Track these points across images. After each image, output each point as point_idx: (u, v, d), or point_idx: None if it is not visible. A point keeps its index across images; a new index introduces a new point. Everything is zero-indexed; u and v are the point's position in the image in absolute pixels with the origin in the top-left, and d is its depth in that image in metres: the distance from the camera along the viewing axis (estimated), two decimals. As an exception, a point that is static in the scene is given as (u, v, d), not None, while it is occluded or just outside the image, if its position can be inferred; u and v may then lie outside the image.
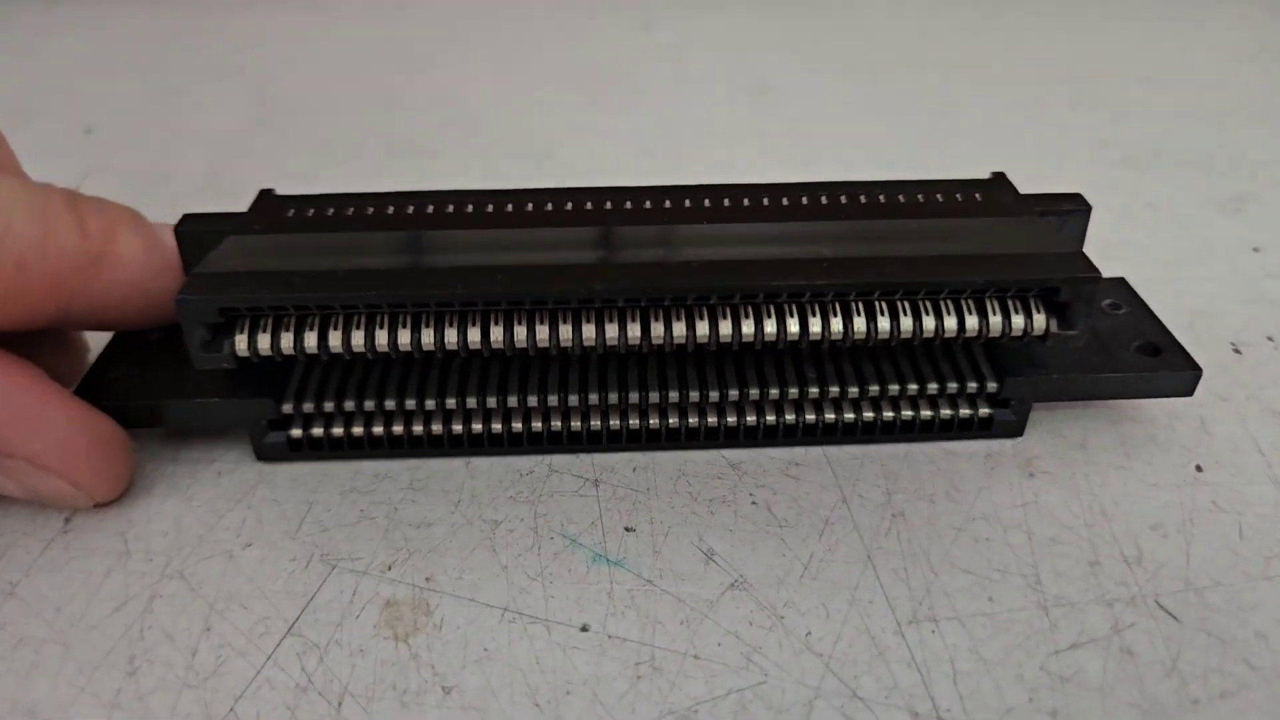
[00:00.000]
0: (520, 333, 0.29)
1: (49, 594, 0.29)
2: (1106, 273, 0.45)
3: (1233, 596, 0.28)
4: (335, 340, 0.30)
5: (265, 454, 0.34)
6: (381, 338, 0.30)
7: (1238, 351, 0.39)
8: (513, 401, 0.32)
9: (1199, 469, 0.33)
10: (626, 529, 0.31)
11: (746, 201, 0.34)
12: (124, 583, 0.29)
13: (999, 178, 0.36)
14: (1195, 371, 0.33)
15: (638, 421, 0.33)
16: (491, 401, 0.32)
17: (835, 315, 0.30)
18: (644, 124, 0.63)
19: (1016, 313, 0.30)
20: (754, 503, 0.32)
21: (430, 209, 0.34)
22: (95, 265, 0.30)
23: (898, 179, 0.35)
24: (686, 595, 0.28)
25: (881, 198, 0.34)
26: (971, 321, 0.30)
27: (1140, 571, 0.29)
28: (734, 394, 0.32)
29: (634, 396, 0.32)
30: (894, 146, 0.58)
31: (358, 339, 0.30)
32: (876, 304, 0.30)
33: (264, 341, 0.30)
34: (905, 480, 0.32)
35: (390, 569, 0.30)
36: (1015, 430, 0.34)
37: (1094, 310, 0.30)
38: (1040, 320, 0.30)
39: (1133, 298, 0.37)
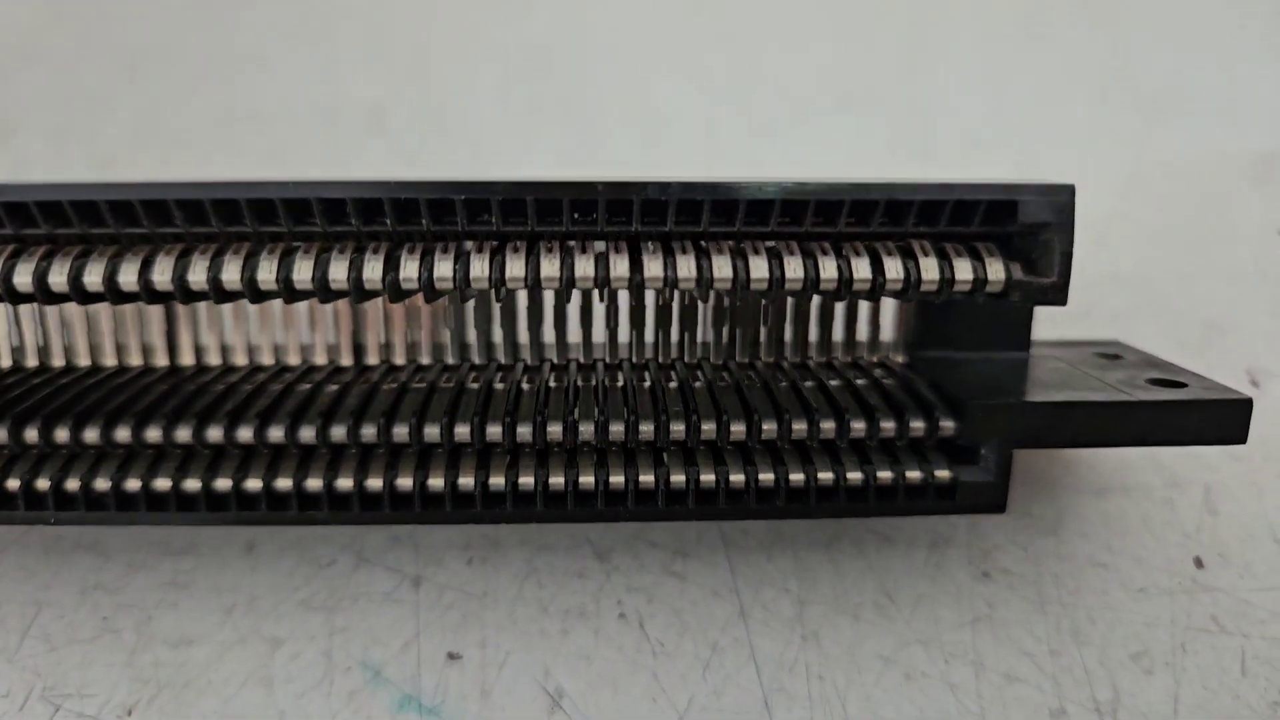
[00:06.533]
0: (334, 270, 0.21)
1: None
2: (1102, 264, 0.37)
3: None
4: (23, 276, 0.21)
5: None
6: (127, 273, 0.21)
7: (1255, 384, 0.31)
8: (306, 435, 0.23)
9: (1199, 563, 0.26)
10: (450, 655, 0.23)
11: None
12: None
13: None
14: (1243, 401, 0.23)
15: (471, 480, 0.23)
16: (276, 434, 0.23)
17: (686, 253, 0.21)
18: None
19: (960, 255, 0.22)
20: (622, 615, 0.24)
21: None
22: None
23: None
24: (517, 768, 0.21)
25: None
26: (893, 266, 0.21)
27: (1116, 728, 0.23)
28: (585, 430, 0.23)
29: (461, 431, 0.23)
30: (850, 73, 0.47)
31: (58, 275, 0.21)
32: (745, 247, 0.21)
33: None
34: (824, 582, 0.25)
35: (131, 713, 0.22)
36: (992, 498, 0.24)
37: (1071, 242, 0.21)
38: (997, 267, 0.22)
39: (1131, 352, 0.28)
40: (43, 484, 0.23)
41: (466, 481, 0.23)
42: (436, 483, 0.23)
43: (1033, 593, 0.25)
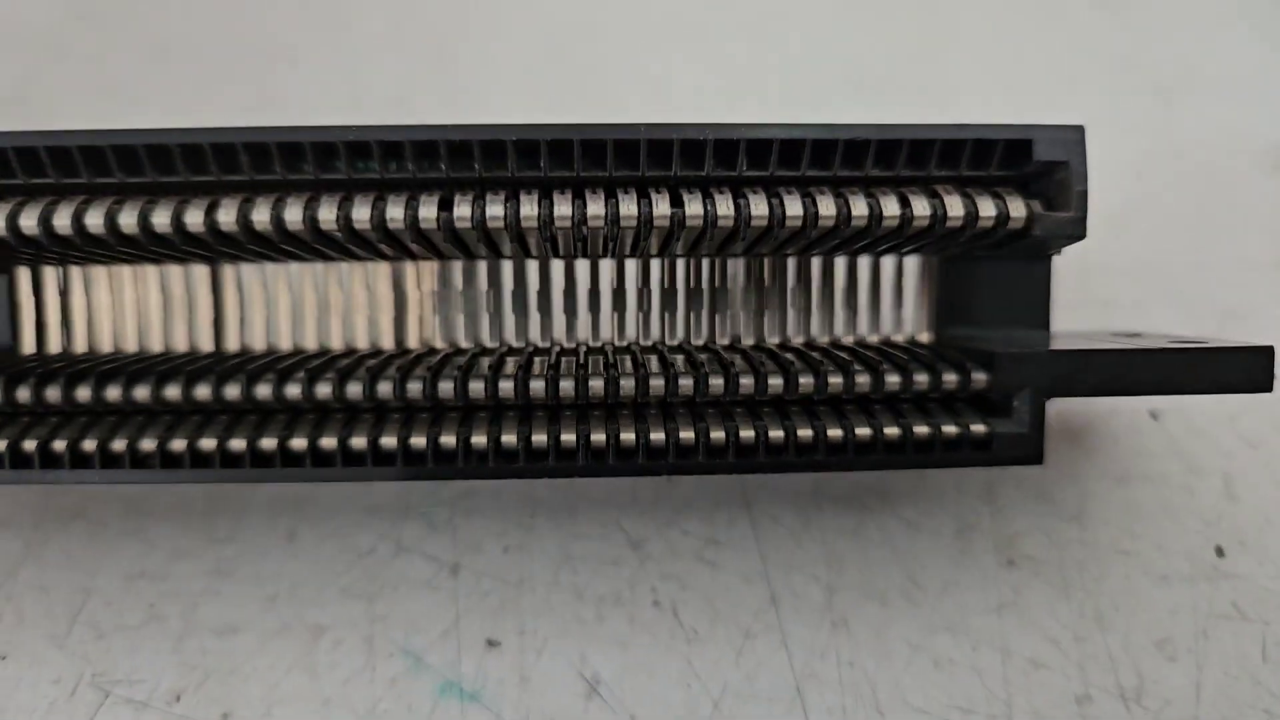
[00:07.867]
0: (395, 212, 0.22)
1: None
2: (1118, 249, 0.38)
3: (1254, 756, 0.22)
4: (95, 218, 0.22)
5: None
6: (192, 215, 0.22)
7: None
8: (354, 391, 0.23)
9: (1219, 552, 0.26)
10: (489, 642, 0.24)
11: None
12: None
13: None
14: (1266, 349, 0.23)
15: (514, 437, 0.23)
16: (325, 390, 0.23)
17: (722, 193, 0.22)
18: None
19: (982, 195, 0.23)
20: (657, 604, 0.25)
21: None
22: None
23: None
24: (557, 750, 0.22)
25: None
26: (919, 204, 0.22)
27: (1140, 713, 0.23)
28: (626, 382, 0.23)
29: (505, 387, 0.23)
30: (856, 53, 0.47)
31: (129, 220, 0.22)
32: (776, 197, 0.22)
33: None
34: (852, 567, 0.25)
35: (179, 699, 0.23)
36: (1027, 449, 0.24)
37: (1085, 179, 0.23)
38: (1018, 204, 0.23)
39: (1152, 333, 0.28)
40: (89, 444, 0.23)
41: (510, 439, 0.23)
42: (480, 440, 0.23)
43: (1057, 580, 0.25)
